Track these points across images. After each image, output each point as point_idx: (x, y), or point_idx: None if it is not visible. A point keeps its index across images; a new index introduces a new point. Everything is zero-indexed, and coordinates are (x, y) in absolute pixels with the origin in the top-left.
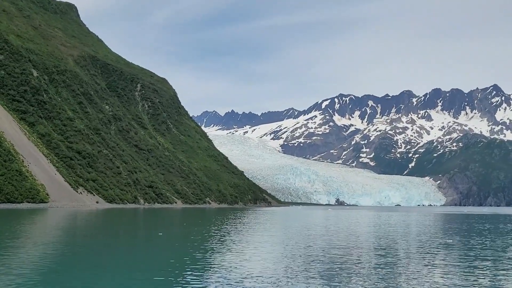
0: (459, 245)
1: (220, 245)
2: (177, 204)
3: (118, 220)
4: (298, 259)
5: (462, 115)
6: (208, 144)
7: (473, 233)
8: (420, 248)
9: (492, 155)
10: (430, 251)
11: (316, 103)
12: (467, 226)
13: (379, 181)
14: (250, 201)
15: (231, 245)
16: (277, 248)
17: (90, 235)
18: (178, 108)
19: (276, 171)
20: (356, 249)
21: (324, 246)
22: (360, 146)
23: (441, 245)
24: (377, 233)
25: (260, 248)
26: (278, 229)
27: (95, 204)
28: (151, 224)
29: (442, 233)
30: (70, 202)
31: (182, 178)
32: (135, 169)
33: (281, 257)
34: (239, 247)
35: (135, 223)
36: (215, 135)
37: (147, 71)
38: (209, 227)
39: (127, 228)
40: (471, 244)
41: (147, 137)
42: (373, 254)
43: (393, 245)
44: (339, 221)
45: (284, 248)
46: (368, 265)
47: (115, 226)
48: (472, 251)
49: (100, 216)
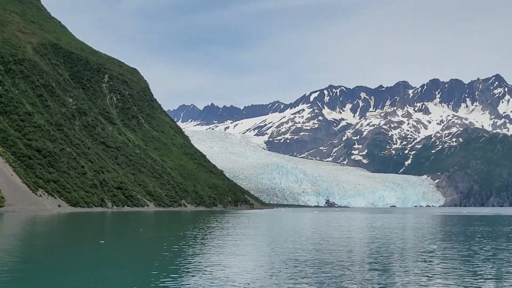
0: (442, 252)
1: (168, 258)
2: (149, 207)
3: (71, 226)
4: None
5: (462, 108)
6: (184, 141)
7: (463, 237)
8: (399, 257)
9: (495, 151)
10: (408, 260)
11: (304, 96)
12: (460, 229)
13: (373, 180)
14: (230, 203)
15: (178, 259)
16: (225, 272)
17: (29, 245)
18: (150, 101)
19: (260, 170)
20: (329, 264)
21: (290, 258)
22: (352, 142)
23: (424, 253)
24: (353, 240)
25: (209, 267)
26: (234, 241)
27: (57, 208)
28: (103, 229)
29: (429, 238)
30: (28, 206)
31: (155, 179)
32: (102, 169)
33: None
34: (185, 262)
35: (86, 229)
36: (193, 131)
37: (116, 61)
38: (169, 233)
39: (72, 235)
40: (456, 250)
41: (116, 133)
42: (344, 265)
43: (368, 253)
44: (318, 225)
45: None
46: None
47: (63, 233)
48: (454, 259)
49: (58, 221)
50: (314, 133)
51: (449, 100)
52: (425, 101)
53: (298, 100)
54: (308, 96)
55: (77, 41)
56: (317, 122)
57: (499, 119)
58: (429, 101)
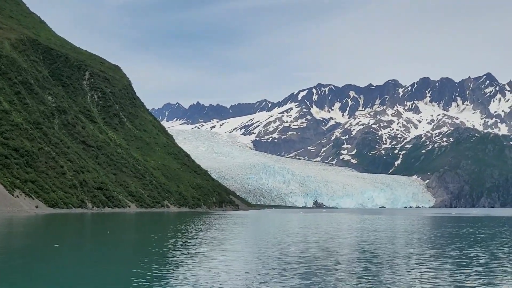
0: (419, 255)
1: (121, 267)
2: (131, 208)
3: (39, 228)
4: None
5: (453, 107)
6: (167, 140)
7: (444, 239)
8: (373, 260)
9: (486, 151)
10: (381, 265)
11: (292, 94)
12: (444, 231)
13: (362, 180)
14: (215, 204)
15: (134, 268)
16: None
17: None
18: (132, 99)
19: (247, 170)
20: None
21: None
22: (341, 141)
23: (399, 257)
24: (329, 242)
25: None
26: (205, 243)
27: (34, 209)
28: (68, 232)
29: (409, 240)
30: (4, 207)
31: (137, 179)
32: (82, 169)
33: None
34: (140, 272)
35: (51, 231)
36: (178, 130)
37: (97, 57)
38: (139, 236)
39: (32, 237)
40: (432, 253)
41: (97, 132)
42: (314, 270)
43: (342, 254)
44: (300, 229)
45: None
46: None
47: (24, 235)
48: (427, 264)
49: (29, 223)
50: (302, 132)
51: (440, 99)
52: (415, 100)
53: (286, 98)
54: (296, 94)
55: (57, 37)
56: (305, 121)
57: (490, 118)
58: (420, 100)
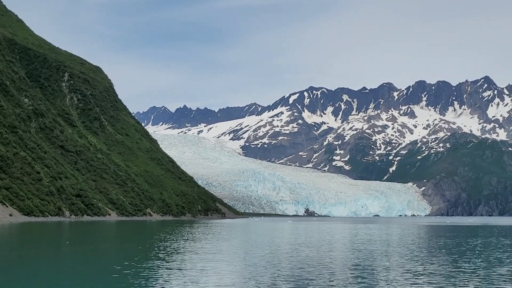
0: (394, 268)
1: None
2: (111, 216)
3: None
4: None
5: (450, 112)
6: (150, 145)
7: (427, 250)
8: (348, 272)
9: (484, 157)
10: (353, 279)
11: (283, 98)
12: (431, 242)
13: (355, 187)
14: (200, 212)
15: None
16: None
17: None
18: (114, 102)
19: (235, 176)
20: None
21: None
22: (334, 147)
23: (373, 270)
24: (312, 257)
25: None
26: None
27: (8, 218)
28: (23, 242)
29: (389, 252)
30: None
31: (118, 186)
32: (60, 175)
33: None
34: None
35: (7, 242)
36: (164, 135)
37: (77, 58)
38: (104, 247)
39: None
40: (409, 267)
41: (76, 137)
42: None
43: (319, 266)
44: (279, 238)
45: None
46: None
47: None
48: (402, 278)
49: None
50: (293, 137)
51: (436, 103)
52: (411, 104)
53: (276, 102)
54: (287, 98)
55: (35, 37)
56: (297, 126)
57: (488, 123)
58: (415, 104)
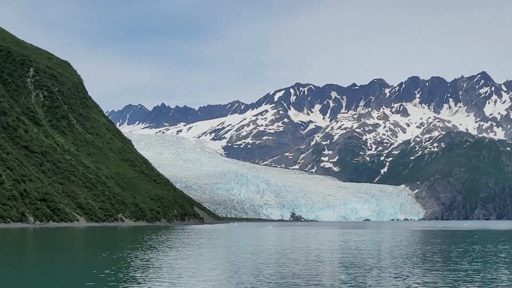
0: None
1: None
2: (80, 222)
3: None
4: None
5: (445, 109)
6: (123, 145)
7: (399, 258)
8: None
9: (480, 157)
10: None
11: (267, 95)
12: (408, 249)
13: (344, 190)
14: (177, 217)
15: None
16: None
17: None
18: (84, 99)
19: (216, 179)
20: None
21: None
22: (321, 147)
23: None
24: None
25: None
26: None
27: None
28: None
29: (350, 264)
30: None
31: (87, 189)
32: (24, 178)
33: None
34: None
35: None
36: (140, 134)
37: (44, 52)
38: (43, 257)
39: None
40: (364, 281)
41: (42, 136)
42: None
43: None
44: (249, 247)
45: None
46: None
47: None
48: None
49: None
50: (279, 137)
51: (430, 100)
52: (404, 102)
53: (260, 100)
54: (272, 95)
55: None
56: (282, 125)
57: (485, 121)
58: (408, 101)
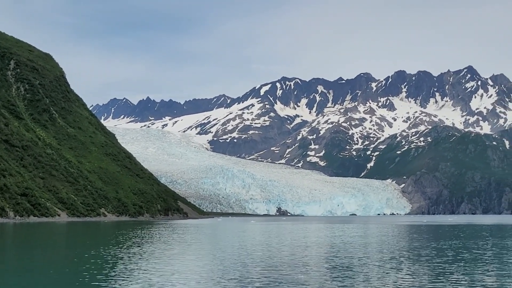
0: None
1: None
2: (61, 217)
3: None
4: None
5: (431, 104)
6: (105, 139)
7: (366, 256)
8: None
9: (467, 151)
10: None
11: (253, 89)
12: (380, 246)
13: (331, 185)
14: (160, 212)
15: None
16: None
17: None
18: (66, 93)
19: (202, 173)
20: None
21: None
22: (308, 142)
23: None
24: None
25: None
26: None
27: None
28: None
29: (318, 262)
30: None
31: (69, 184)
32: (4, 172)
33: None
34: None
35: None
36: (125, 128)
37: (25, 44)
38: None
39: None
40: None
41: (22, 130)
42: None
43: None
44: (221, 244)
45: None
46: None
47: None
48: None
49: None
50: (265, 131)
51: (417, 94)
52: (390, 96)
53: (246, 94)
54: (258, 89)
55: None
56: (268, 119)
57: (472, 116)
58: (394, 95)
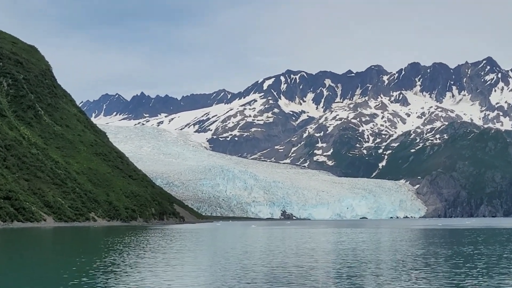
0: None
1: None
2: (47, 222)
3: None
4: None
5: (448, 98)
6: (95, 138)
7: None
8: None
9: (486, 149)
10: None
11: (256, 83)
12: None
13: (340, 186)
14: (154, 216)
15: None
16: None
17: None
18: (52, 88)
19: (201, 174)
20: None
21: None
22: (315, 140)
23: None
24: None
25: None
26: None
27: None
28: None
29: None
30: None
31: (56, 186)
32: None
33: None
34: None
35: None
36: (118, 126)
37: (8, 36)
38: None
39: None
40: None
41: (5, 128)
42: None
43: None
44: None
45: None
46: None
47: None
48: None
49: None
50: (268, 129)
51: (432, 88)
52: (403, 90)
53: (248, 88)
54: (260, 83)
55: None
56: (272, 116)
57: (491, 111)
58: (408, 89)
